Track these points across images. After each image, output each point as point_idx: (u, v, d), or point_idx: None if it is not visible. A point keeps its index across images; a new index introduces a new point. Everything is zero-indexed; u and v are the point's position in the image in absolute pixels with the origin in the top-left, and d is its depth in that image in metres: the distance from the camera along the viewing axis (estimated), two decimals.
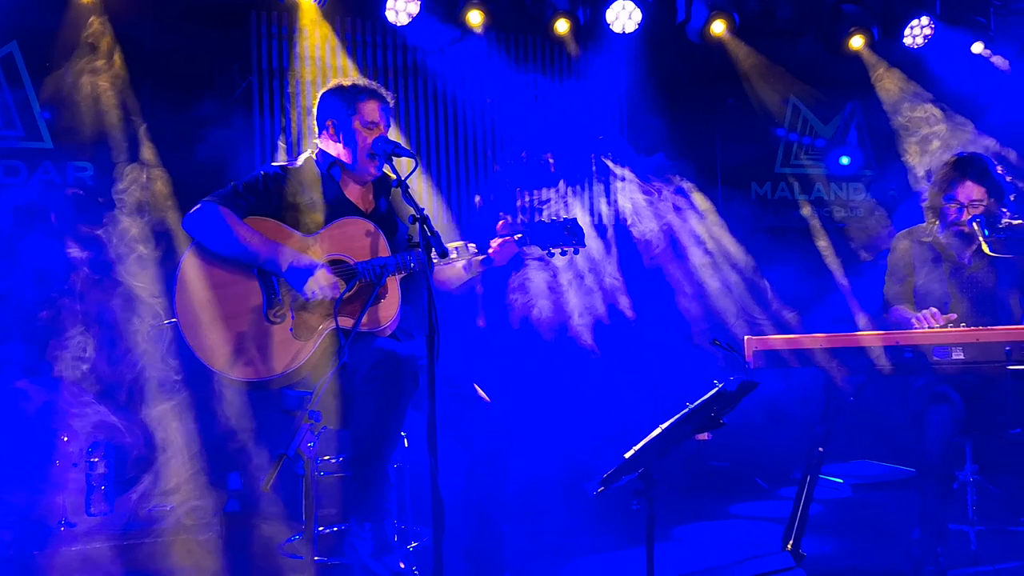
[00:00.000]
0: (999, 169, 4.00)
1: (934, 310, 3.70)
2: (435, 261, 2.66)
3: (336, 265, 3.21)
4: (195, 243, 3.22)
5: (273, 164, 3.42)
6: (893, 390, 4.05)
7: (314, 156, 3.43)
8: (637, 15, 5.65)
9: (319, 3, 5.15)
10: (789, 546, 3.60)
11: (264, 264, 3.15)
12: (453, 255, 3.31)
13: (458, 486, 3.15)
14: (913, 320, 3.72)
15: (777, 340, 3.66)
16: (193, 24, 4.97)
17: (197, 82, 5.07)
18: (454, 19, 5.40)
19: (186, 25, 4.93)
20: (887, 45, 6.16)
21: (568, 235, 3.44)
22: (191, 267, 3.19)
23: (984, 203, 3.89)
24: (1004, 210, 4.00)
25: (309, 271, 3.09)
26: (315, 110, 3.43)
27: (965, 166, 3.94)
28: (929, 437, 3.70)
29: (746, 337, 3.70)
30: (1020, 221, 3.98)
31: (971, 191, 3.89)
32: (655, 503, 2.79)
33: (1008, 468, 4.49)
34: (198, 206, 3.22)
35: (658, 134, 6.03)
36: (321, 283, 3.09)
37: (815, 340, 3.59)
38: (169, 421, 4.01)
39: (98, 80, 4.68)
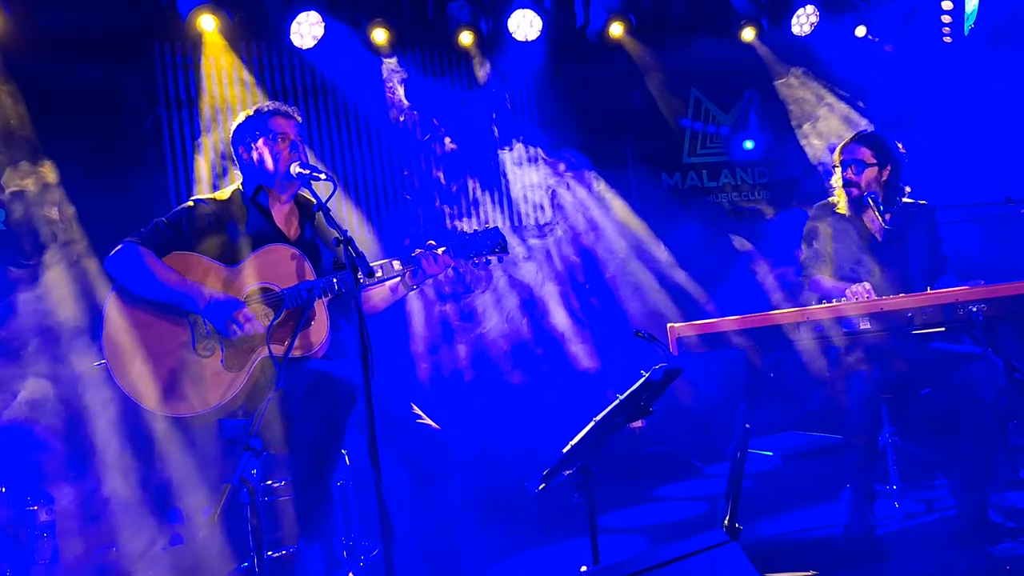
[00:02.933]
0: (900, 146, 4.25)
1: (867, 286, 3.89)
2: (362, 281, 2.72)
3: (263, 293, 3.24)
4: (117, 285, 3.22)
5: (199, 197, 3.44)
6: (813, 361, 4.21)
7: (240, 187, 3.46)
8: (538, 23, 5.80)
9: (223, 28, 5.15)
10: (726, 521, 3.75)
11: (182, 305, 3.16)
12: (379, 273, 3.36)
13: (406, 502, 3.20)
14: (847, 292, 3.88)
15: (698, 326, 3.80)
16: (96, 60, 4.92)
17: (105, 117, 5.02)
18: (359, 38, 5.46)
19: (88, 61, 4.88)
20: (777, 35, 6.43)
21: (491, 244, 3.52)
22: (115, 308, 3.19)
23: (869, 164, 4.13)
24: (906, 188, 4.25)
25: (228, 311, 3.11)
26: (230, 144, 3.46)
27: (855, 135, 4.26)
28: (849, 403, 3.90)
29: (668, 325, 3.84)
30: (924, 202, 4.24)
31: (856, 152, 4.17)
32: (595, 494, 2.91)
33: (923, 427, 4.75)
34: (119, 247, 3.22)
35: (569, 135, 6.18)
36: (240, 321, 3.11)
37: (733, 323, 3.75)
38: (110, 462, 3.98)
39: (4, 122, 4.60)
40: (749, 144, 7.10)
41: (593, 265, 6.16)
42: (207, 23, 5.05)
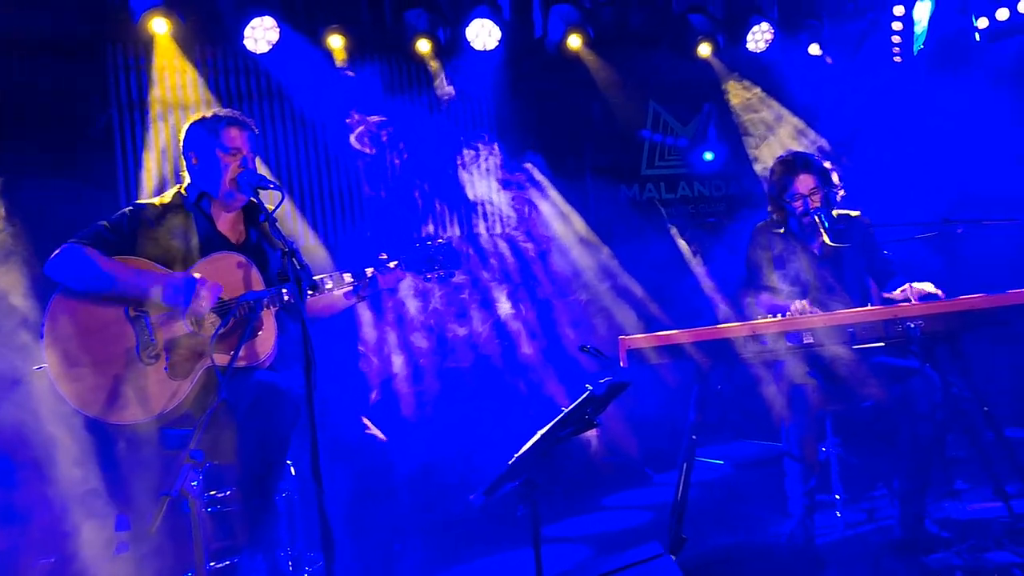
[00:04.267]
0: (818, 158, 4.34)
1: (805, 304, 3.97)
2: (309, 294, 2.72)
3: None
4: (60, 289, 3.18)
5: (140, 201, 3.40)
6: (760, 373, 4.28)
7: (183, 191, 3.42)
8: (496, 33, 5.82)
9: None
10: (672, 531, 3.80)
11: (140, 294, 3.11)
12: (329, 284, 3.36)
13: (347, 512, 3.19)
14: (790, 310, 3.95)
15: (648, 338, 3.86)
16: (47, 60, 4.87)
17: (54, 119, 4.96)
18: (315, 44, 5.44)
19: (39, 61, 4.82)
20: (732, 51, 6.52)
21: (444, 259, 3.52)
22: (58, 312, 3.15)
23: (820, 190, 4.21)
24: (837, 193, 4.34)
25: (190, 288, 3.08)
26: (180, 144, 3.42)
27: (794, 163, 4.27)
28: (793, 415, 3.98)
29: (619, 337, 3.89)
30: (857, 213, 4.33)
31: (808, 181, 4.21)
32: (539, 506, 2.94)
33: (865, 439, 4.84)
34: (60, 249, 3.18)
35: (527, 145, 6.21)
36: (205, 296, 3.09)
37: (683, 335, 3.81)
38: (49, 469, 3.92)
39: None
40: (709, 156, 7.18)
41: (548, 274, 6.19)
42: (159, 26, 5.02)
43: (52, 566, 3.87)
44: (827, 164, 4.29)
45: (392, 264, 3.46)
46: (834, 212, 4.26)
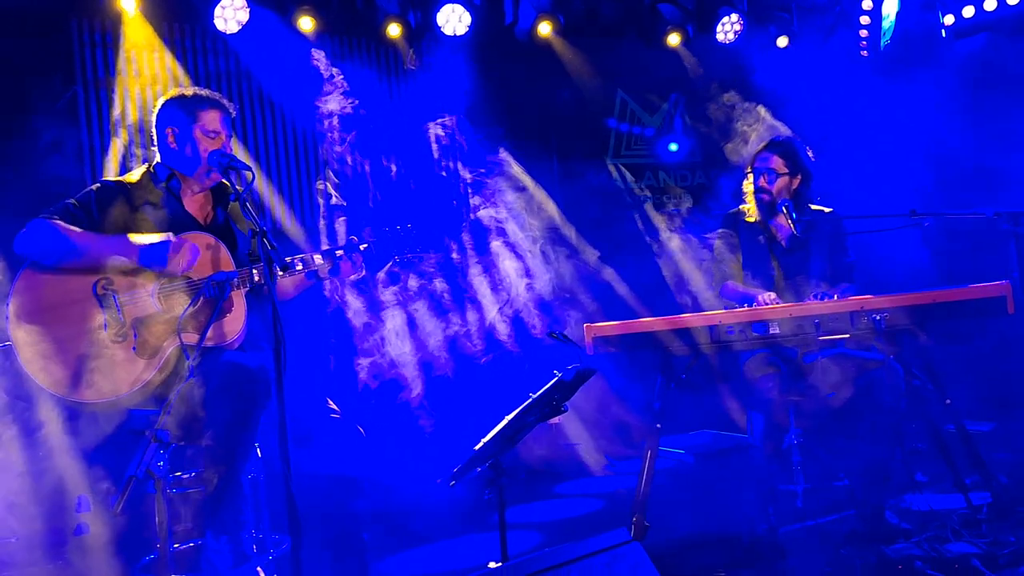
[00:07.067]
0: (808, 153, 4.36)
1: (773, 295, 4.00)
2: (279, 274, 2.70)
3: (179, 281, 3.18)
4: (28, 265, 3.13)
5: (107, 179, 3.34)
6: (724, 363, 4.32)
7: (151, 169, 3.36)
8: (467, 18, 5.80)
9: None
10: (635, 519, 3.83)
11: (112, 258, 3.07)
12: (299, 266, 3.33)
13: (315, 499, 3.18)
14: (758, 298, 4.00)
15: (614, 326, 3.89)
16: (10, 33, 4.76)
17: (16, 95, 4.85)
18: (285, 25, 5.38)
19: (2, 34, 4.71)
20: (702, 41, 6.55)
21: (414, 242, 3.50)
22: (24, 290, 3.10)
23: (781, 173, 4.24)
24: (816, 197, 4.38)
25: (164, 247, 3.05)
26: (154, 119, 3.36)
27: (768, 143, 4.33)
28: (757, 405, 4.02)
29: (585, 325, 3.91)
30: (830, 210, 4.38)
31: (769, 160, 4.27)
32: (505, 490, 2.95)
33: (828, 429, 4.90)
34: (28, 224, 3.13)
35: (495, 131, 6.20)
36: (181, 255, 3.06)
37: (648, 324, 3.84)
38: (9, 446, 3.85)
39: None
40: (674, 146, 7.22)
41: (513, 258, 6.19)
42: (127, 3, 4.93)
43: (13, 546, 3.81)
44: (810, 153, 4.33)
45: (363, 247, 3.44)
46: (813, 207, 4.32)
